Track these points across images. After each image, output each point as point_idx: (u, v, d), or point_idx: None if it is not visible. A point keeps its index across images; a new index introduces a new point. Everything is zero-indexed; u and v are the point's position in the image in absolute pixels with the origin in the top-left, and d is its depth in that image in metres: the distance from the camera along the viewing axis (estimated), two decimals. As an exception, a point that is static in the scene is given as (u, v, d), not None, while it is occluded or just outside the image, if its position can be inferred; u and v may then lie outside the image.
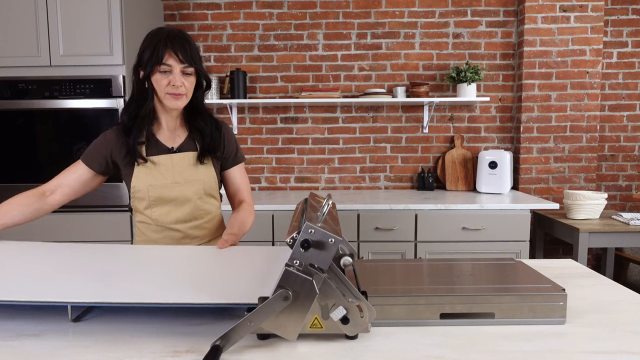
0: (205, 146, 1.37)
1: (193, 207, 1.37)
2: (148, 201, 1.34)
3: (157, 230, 1.38)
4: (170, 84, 1.25)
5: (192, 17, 3.04)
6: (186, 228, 1.38)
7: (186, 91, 1.28)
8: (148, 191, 1.33)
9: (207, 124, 1.37)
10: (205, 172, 1.38)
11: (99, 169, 1.35)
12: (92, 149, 1.35)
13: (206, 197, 1.40)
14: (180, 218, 1.37)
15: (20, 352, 0.74)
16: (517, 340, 0.78)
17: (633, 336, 0.80)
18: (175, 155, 1.35)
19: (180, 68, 1.25)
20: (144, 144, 1.33)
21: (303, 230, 0.72)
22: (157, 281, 0.91)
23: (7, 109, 2.42)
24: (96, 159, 1.34)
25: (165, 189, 1.33)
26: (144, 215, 1.38)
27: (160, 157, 1.34)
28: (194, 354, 0.73)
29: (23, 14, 2.37)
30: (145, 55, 1.25)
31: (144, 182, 1.32)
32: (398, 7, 3.02)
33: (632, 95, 3.07)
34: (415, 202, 2.51)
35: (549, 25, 2.88)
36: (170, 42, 1.24)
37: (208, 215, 1.42)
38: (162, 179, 1.33)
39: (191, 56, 1.26)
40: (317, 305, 0.76)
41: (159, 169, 1.33)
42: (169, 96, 1.27)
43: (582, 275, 1.17)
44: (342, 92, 3.07)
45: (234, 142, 1.46)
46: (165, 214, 1.36)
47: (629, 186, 3.13)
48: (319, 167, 3.13)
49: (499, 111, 3.07)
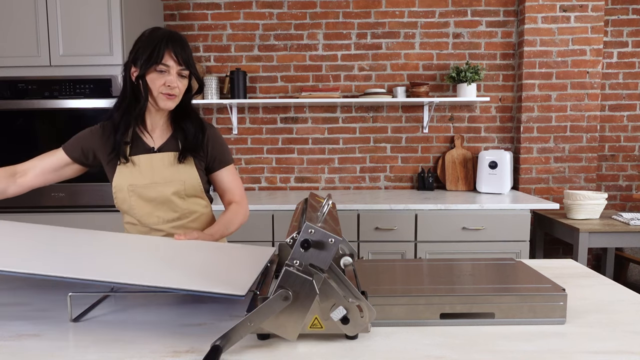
0: (186, 145, 1.36)
1: (174, 207, 1.37)
2: (129, 202, 1.34)
3: (142, 231, 1.38)
4: (166, 85, 1.26)
5: (192, 17, 3.04)
6: (169, 228, 1.38)
7: (179, 93, 1.29)
8: (128, 191, 1.33)
9: (192, 125, 1.37)
10: (186, 171, 1.37)
11: (76, 157, 1.35)
12: (74, 139, 1.36)
13: (188, 197, 1.39)
14: (163, 218, 1.37)
15: (20, 352, 0.74)
16: (517, 340, 0.78)
17: (633, 336, 0.80)
18: (156, 155, 1.35)
19: (177, 70, 1.26)
20: (129, 144, 1.33)
21: (303, 230, 0.72)
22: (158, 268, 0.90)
23: (7, 109, 2.42)
24: (76, 147, 1.34)
25: (144, 189, 1.33)
26: (129, 216, 1.38)
27: (140, 157, 1.34)
28: (194, 354, 0.73)
29: (23, 14, 2.37)
30: (142, 54, 1.24)
31: (124, 181, 1.33)
32: (398, 7, 3.02)
33: (632, 95, 3.07)
34: (415, 202, 2.51)
35: (549, 25, 2.88)
36: (172, 43, 1.24)
37: (193, 214, 1.41)
38: (141, 179, 1.33)
39: (188, 60, 1.28)
40: (317, 305, 0.76)
41: (139, 168, 1.33)
42: (162, 96, 1.27)
43: (582, 275, 1.17)
44: (342, 92, 3.07)
45: (220, 145, 1.44)
46: (148, 214, 1.36)
47: (629, 186, 3.13)
48: (319, 167, 3.13)
49: (499, 111, 3.07)
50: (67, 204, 2.47)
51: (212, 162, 1.43)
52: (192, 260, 1.00)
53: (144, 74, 1.25)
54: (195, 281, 0.81)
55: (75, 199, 2.46)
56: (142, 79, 1.26)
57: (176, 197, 1.36)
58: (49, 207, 2.47)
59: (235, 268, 0.94)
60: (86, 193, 2.45)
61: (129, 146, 1.33)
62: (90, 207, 2.47)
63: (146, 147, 1.35)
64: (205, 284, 0.80)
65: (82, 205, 2.46)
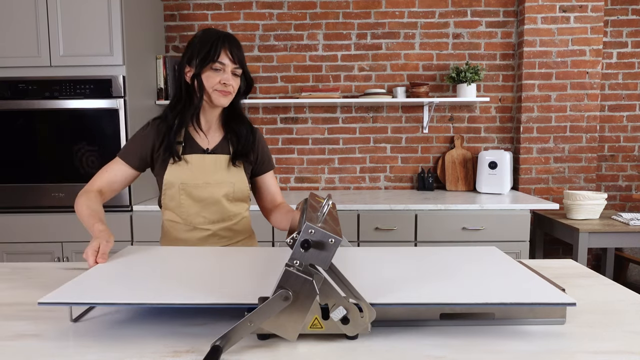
0: (238, 149, 1.39)
1: (222, 209, 1.39)
2: (178, 199, 1.36)
3: (186, 230, 1.39)
4: (221, 82, 1.29)
5: (192, 17, 3.04)
6: (215, 228, 1.40)
7: (233, 90, 1.32)
8: (179, 189, 1.35)
9: (243, 127, 1.41)
10: (236, 174, 1.40)
11: (137, 165, 1.37)
12: (130, 147, 1.37)
13: (236, 200, 1.42)
14: (209, 219, 1.39)
15: (20, 352, 0.74)
16: (517, 340, 0.78)
17: (633, 336, 0.80)
18: (209, 156, 1.37)
19: (232, 68, 1.30)
20: (182, 144, 1.36)
21: (303, 230, 0.72)
22: (155, 281, 0.91)
23: (7, 109, 2.42)
24: (135, 155, 1.36)
25: (195, 188, 1.35)
26: (174, 214, 1.39)
27: (193, 156, 1.36)
28: (194, 354, 0.73)
29: (23, 14, 2.37)
30: (198, 53, 1.28)
31: (176, 179, 1.34)
32: (398, 7, 3.02)
33: (632, 95, 3.07)
34: (415, 202, 2.51)
35: (549, 26, 2.88)
36: (228, 42, 1.29)
37: (236, 217, 1.44)
38: (193, 178, 1.35)
39: (242, 58, 1.32)
40: (317, 305, 0.76)
41: (191, 167, 1.35)
42: (217, 93, 1.30)
43: (582, 275, 1.17)
44: (342, 92, 3.07)
45: (266, 148, 1.49)
46: (195, 214, 1.37)
47: (629, 186, 3.13)
48: (319, 167, 3.13)
49: (499, 111, 3.07)
50: (67, 204, 2.47)
51: (260, 165, 1.47)
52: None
53: (200, 72, 1.28)
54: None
55: (75, 199, 2.46)
56: (197, 77, 1.29)
57: (225, 199, 1.38)
58: (49, 207, 2.47)
59: None
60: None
61: (182, 146, 1.36)
62: (90, 207, 2.47)
63: (199, 147, 1.38)
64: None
65: (82, 205, 2.46)
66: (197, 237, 1.39)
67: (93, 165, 2.44)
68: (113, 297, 0.79)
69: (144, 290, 0.84)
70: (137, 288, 0.85)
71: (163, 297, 0.80)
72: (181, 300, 0.78)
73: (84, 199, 1.28)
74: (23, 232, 2.48)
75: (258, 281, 0.90)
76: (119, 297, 0.80)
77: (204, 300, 0.78)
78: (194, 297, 0.80)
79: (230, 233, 1.43)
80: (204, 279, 0.91)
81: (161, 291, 0.84)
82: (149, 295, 0.81)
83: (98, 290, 0.83)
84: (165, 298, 0.79)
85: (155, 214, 2.44)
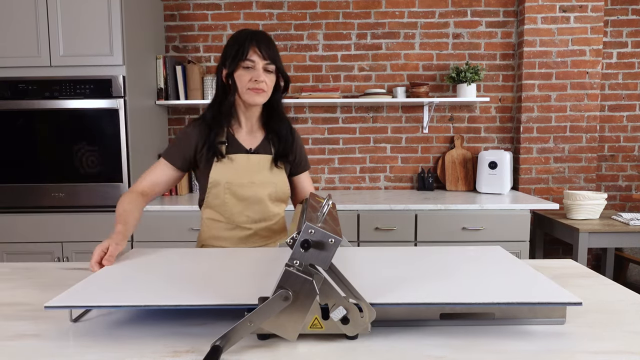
0: (279, 150, 1.40)
1: (264, 209, 1.40)
2: (223, 197, 1.36)
3: (227, 228, 1.40)
4: (252, 80, 1.29)
5: (192, 17, 3.04)
6: (256, 228, 1.41)
7: (267, 88, 1.32)
8: (224, 187, 1.35)
9: (283, 127, 1.41)
10: (278, 175, 1.41)
11: (181, 165, 1.38)
12: (173, 148, 1.38)
13: (277, 201, 1.43)
14: (252, 218, 1.40)
15: (20, 352, 0.74)
16: (517, 340, 0.78)
17: (633, 336, 0.80)
18: (253, 156, 1.38)
19: (263, 65, 1.30)
20: (225, 143, 1.36)
21: (303, 230, 0.72)
22: (158, 283, 0.91)
23: (7, 109, 2.42)
24: (179, 156, 1.37)
25: (240, 187, 1.36)
26: (216, 212, 1.39)
27: (238, 155, 1.37)
28: (194, 354, 0.73)
29: (23, 14, 2.37)
30: (230, 53, 1.29)
31: (222, 177, 1.35)
32: (398, 7, 3.02)
33: (632, 95, 3.07)
34: (415, 202, 2.51)
35: (549, 26, 2.88)
36: (256, 39, 1.29)
37: (276, 217, 1.45)
38: (238, 177, 1.36)
39: (273, 55, 1.31)
40: (317, 305, 0.76)
41: (236, 167, 1.36)
42: (249, 91, 1.30)
43: (582, 275, 1.17)
44: (342, 92, 3.07)
45: (304, 149, 1.51)
46: (238, 213, 1.38)
47: (629, 186, 3.13)
48: (319, 167, 3.13)
49: (499, 111, 3.07)
50: (67, 204, 2.47)
51: (297, 166, 1.48)
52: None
53: (232, 71, 1.30)
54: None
55: (75, 199, 2.46)
56: (230, 77, 1.31)
57: (268, 199, 1.40)
58: (49, 207, 2.47)
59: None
60: (86, 193, 2.45)
61: (225, 145, 1.37)
62: (91, 207, 2.47)
63: (242, 147, 1.39)
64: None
65: (82, 205, 2.46)
66: (238, 236, 1.40)
67: (93, 165, 2.44)
68: (117, 300, 0.80)
69: (146, 292, 0.84)
70: (140, 290, 0.86)
71: (164, 298, 0.80)
72: (182, 302, 0.78)
73: (123, 199, 1.29)
74: (23, 232, 2.48)
75: (258, 281, 0.90)
76: (123, 300, 0.80)
77: (204, 302, 0.78)
78: (195, 298, 0.80)
79: (269, 232, 1.45)
80: (205, 280, 0.91)
81: (162, 293, 0.84)
82: (151, 297, 0.81)
83: (102, 294, 0.84)
84: (166, 300, 0.80)
85: (156, 214, 2.45)
